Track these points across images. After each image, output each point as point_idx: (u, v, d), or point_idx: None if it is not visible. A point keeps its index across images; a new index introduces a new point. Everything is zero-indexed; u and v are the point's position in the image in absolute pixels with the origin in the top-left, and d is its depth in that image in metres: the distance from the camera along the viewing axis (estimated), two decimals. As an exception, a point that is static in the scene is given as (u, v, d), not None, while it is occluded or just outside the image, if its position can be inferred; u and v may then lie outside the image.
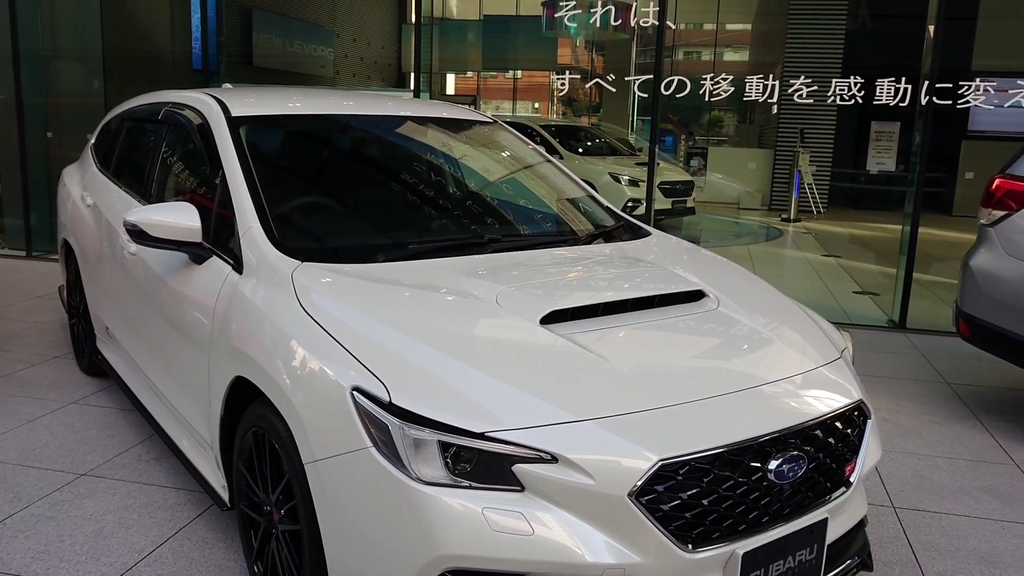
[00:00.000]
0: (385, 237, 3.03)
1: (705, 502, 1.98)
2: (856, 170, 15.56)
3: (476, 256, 2.81)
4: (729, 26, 20.42)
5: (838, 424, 2.27)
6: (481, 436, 1.90)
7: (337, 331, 2.19)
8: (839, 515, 2.30)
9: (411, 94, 8.22)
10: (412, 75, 7.87)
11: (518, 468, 1.90)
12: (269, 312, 2.42)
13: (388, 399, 1.97)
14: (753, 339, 2.50)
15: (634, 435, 1.96)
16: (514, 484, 1.91)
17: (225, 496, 2.73)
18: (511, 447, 1.90)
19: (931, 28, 6.32)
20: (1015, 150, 4.36)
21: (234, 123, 3.08)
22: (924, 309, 6.67)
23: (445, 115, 3.86)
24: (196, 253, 2.85)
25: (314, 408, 2.12)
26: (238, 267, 2.65)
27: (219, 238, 2.83)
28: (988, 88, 6.54)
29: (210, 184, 3.04)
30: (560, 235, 3.39)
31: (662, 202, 10.62)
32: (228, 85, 4.03)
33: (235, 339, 2.50)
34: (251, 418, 2.44)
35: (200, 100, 3.35)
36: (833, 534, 2.27)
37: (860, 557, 2.44)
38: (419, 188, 3.57)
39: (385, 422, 1.95)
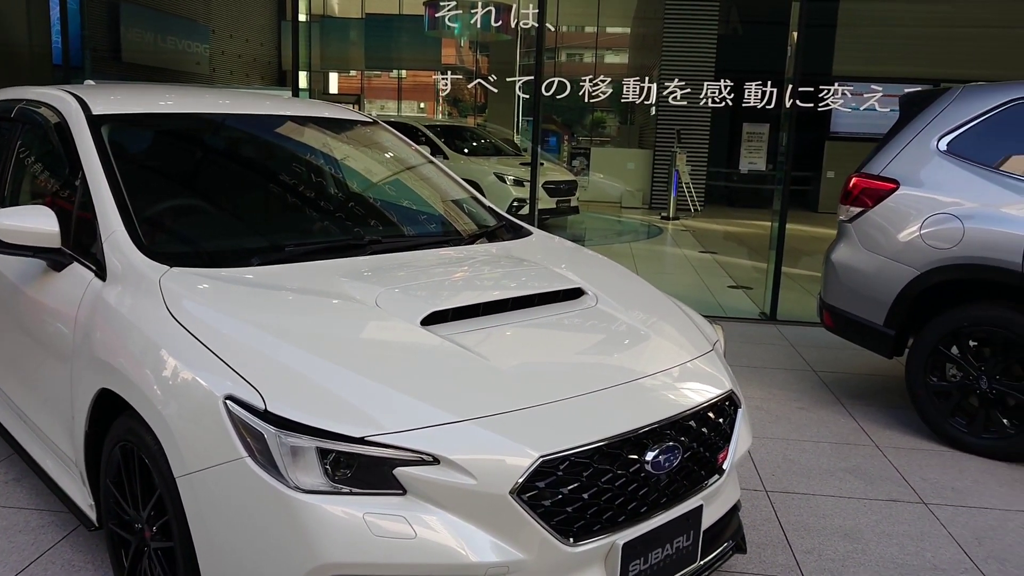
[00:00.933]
0: (260, 240, 2.95)
1: (585, 496, 2.02)
2: (730, 169, 16.25)
3: (356, 258, 2.77)
4: (609, 29, 20.91)
5: (710, 414, 2.36)
6: (360, 441, 1.88)
7: (209, 338, 2.11)
8: (714, 501, 2.39)
9: (289, 93, 8.02)
10: (291, 73, 7.68)
11: (399, 471, 1.89)
12: (136, 320, 2.31)
13: (263, 407, 1.91)
14: (630, 334, 2.57)
15: (515, 433, 1.98)
16: (396, 488, 1.89)
17: (93, 515, 2.60)
18: (391, 451, 1.88)
19: (794, 34, 6.67)
20: (871, 150, 4.66)
21: (95, 122, 2.92)
22: (793, 301, 7.03)
23: (324, 115, 3.78)
24: (54, 259, 2.69)
25: (186, 419, 2.04)
26: (101, 274, 2.52)
27: (80, 243, 2.68)
28: (846, 92, 6.96)
29: (70, 186, 2.88)
30: (441, 235, 3.38)
31: (547, 202, 10.77)
32: (90, 82, 3.83)
33: (99, 350, 2.38)
34: (118, 432, 2.33)
35: (57, 97, 3.16)
36: (708, 520, 2.36)
37: (734, 541, 2.56)
38: (297, 189, 3.49)
39: (260, 430, 1.89)
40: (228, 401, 1.95)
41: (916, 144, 4.33)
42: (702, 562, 2.36)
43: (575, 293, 2.68)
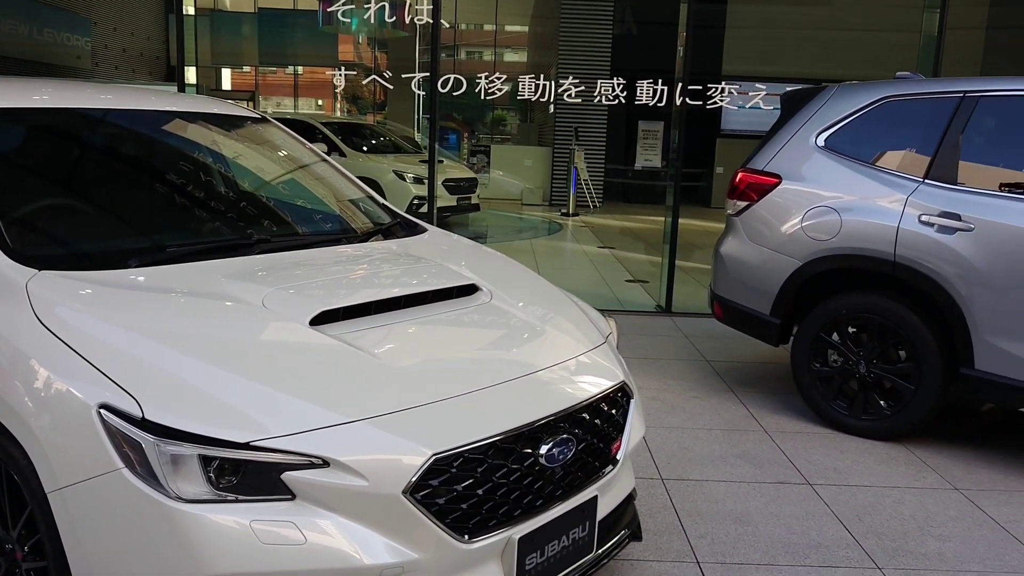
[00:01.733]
0: (140, 240, 2.82)
1: (480, 492, 2.02)
2: (627, 166, 16.60)
3: (243, 258, 2.68)
4: (508, 27, 21.03)
5: (603, 405, 2.40)
6: (245, 446, 1.82)
7: (81, 345, 2.00)
8: (608, 492, 2.43)
9: (175, 88, 7.72)
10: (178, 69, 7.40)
11: (288, 476, 1.84)
12: (0, 329, 2.17)
13: (140, 415, 1.83)
14: (523, 329, 2.59)
15: (407, 432, 1.96)
16: (284, 493, 1.84)
17: (-42, 537, 2.42)
18: (279, 455, 1.83)
19: (683, 35, 6.86)
20: (756, 146, 4.83)
21: (-47, 117, 2.73)
22: (687, 294, 7.24)
23: (211, 110, 3.64)
24: (-92, 265, 2.49)
25: (57, 431, 1.93)
26: (-39, 279, 2.35)
27: (-63, 248, 2.49)
28: (733, 91, 7.20)
29: (-74, 186, 2.68)
30: (332, 234, 3.31)
31: (447, 199, 10.75)
32: (-50, 75, 3.57)
33: (-40, 361, 2.22)
34: (-17, 447, 2.18)
35: (-88, 91, 2.94)
36: (603, 510, 2.40)
37: (630, 529, 2.61)
38: (181, 187, 3.35)
39: (138, 440, 1.81)
40: (102, 410, 1.85)
41: (796, 140, 4.52)
42: (599, 552, 2.39)
43: (469, 289, 2.67)
